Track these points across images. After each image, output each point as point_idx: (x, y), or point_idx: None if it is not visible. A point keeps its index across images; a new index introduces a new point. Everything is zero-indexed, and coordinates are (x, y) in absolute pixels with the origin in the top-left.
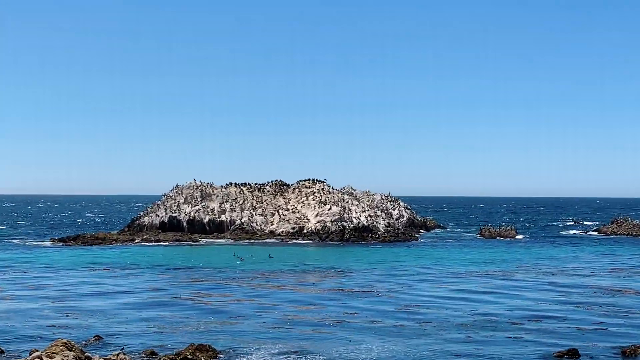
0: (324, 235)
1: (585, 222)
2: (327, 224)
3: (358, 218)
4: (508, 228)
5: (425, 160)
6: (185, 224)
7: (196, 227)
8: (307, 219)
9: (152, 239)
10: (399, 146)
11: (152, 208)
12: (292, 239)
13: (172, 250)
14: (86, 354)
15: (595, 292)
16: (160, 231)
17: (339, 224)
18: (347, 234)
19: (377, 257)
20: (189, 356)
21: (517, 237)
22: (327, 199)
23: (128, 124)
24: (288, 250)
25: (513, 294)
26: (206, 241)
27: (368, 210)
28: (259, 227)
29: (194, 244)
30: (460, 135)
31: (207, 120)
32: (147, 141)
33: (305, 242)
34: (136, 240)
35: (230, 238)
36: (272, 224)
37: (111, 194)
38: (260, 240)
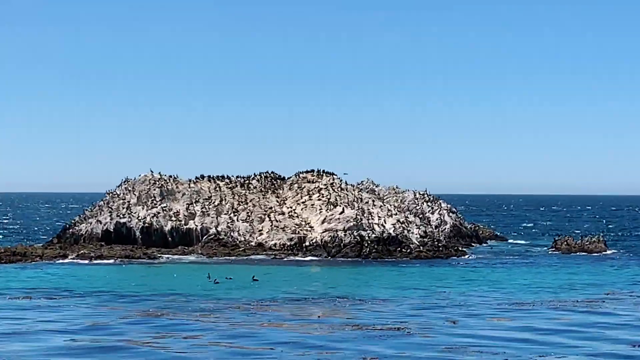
0: (333, 250)
1: None
2: (339, 233)
3: (382, 225)
4: (594, 239)
5: (474, 146)
6: (138, 233)
7: (154, 238)
8: (310, 227)
9: (92, 254)
10: (436, 127)
11: (91, 211)
12: (288, 255)
13: (120, 270)
14: None
15: None
16: (103, 244)
17: (355, 234)
18: (366, 247)
19: (408, 280)
20: None
21: (607, 252)
22: (338, 198)
23: (48, 94)
24: (283, 271)
25: (599, 334)
26: (168, 258)
27: (396, 215)
28: (243, 238)
29: (151, 261)
30: (525, 113)
31: (168, 87)
32: (81, 120)
33: (307, 258)
34: (70, 257)
35: (201, 253)
36: (260, 234)
37: (31, 190)
38: (243, 257)
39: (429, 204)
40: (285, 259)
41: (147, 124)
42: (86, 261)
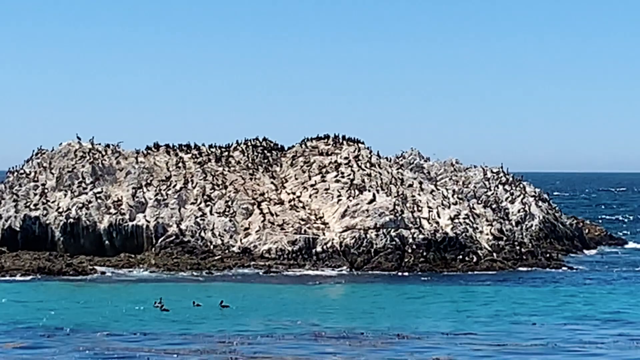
0: (359, 259)
1: None
2: (368, 233)
3: (435, 221)
4: None
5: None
6: (59, 233)
7: (83, 242)
8: (324, 224)
9: None
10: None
11: None
12: (290, 266)
13: (28, 293)
14: None
15: None
16: (4, 250)
17: (394, 234)
18: (410, 254)
19: (478, 306)
20: None
21: None
22: (366, 179)
23: None
24: (281, 292)
25: None
26: (105, 272)
27: (457, 204)
28: (220, 241)
29: (79, 278)
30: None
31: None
32: None
33: (319, 272)
34: None
35: (156, 264)
36: (247, 234)
37: None
38: (219, 272)
39: (506, 187)
40: (285, 274)
41: (74, 73)
42: None
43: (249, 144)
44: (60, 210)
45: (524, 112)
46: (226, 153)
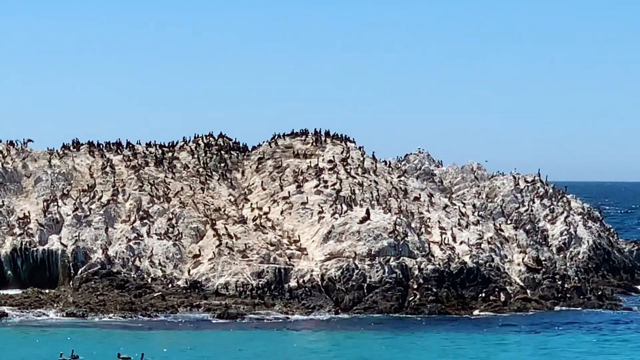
0: (347, 297)
1: None
2: (360, 263)
3: (449, 247)
4: None
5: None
6: None
7: None
8: (300, 249)
9: None
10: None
11: None
12: (254, 307)
13: None
14: None
15: None
16: None
17: (394, 264)
18: (415, 291)
19: None
20: None
21: None
22: (356, 189)
23: None
24: (243, 343)
25: None
26: (7, 313)
27: (478, 224)
28: (160, 272)
29: None
30: None
31: None
32: None
33: (294, 317)
34: None
35: (74, 304)
36: (197, 264)
37: None
38: (161, 313)
39: (545, 202)
40: (247, 317)
41: None
42: None
43: (201, 142)
44: None
45: (556, 110)
46: (170, 154)
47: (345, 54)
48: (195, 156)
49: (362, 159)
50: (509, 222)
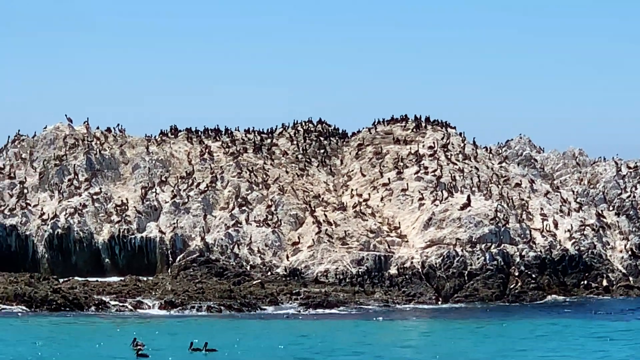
0: (448, 284)
1: None
2: (461, 250)
3: (550, 233)
4: None
5: None
6: (42, 248)
7: (75, 260)
8: (400, 236)
9: None
10: None
11: None
12: (355, 295)
13: (3, 328)
14: None
15: None
16: None
17: (495, 252)
18: (516, 278)
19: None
20: None
21: None
22: (457, 175)
23: None
24: (342, 331)
25: None
26: (105, 301)
27: (580, 210)
28: (259, 260)
29: (71, 314)
30: None
31: None
32: None
33: (394, 303)
34: None
35: (173, 291)
36: (296, 251)
37: None
38: (258, 301)
39: None
40: (348, 307)
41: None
42: None
43: (300, 128)
44: (45, 217)
45: None
46: (268, 140)
47: (447, 36)
48: (295, 142)
49: (462, 145)
50: (610, 208)
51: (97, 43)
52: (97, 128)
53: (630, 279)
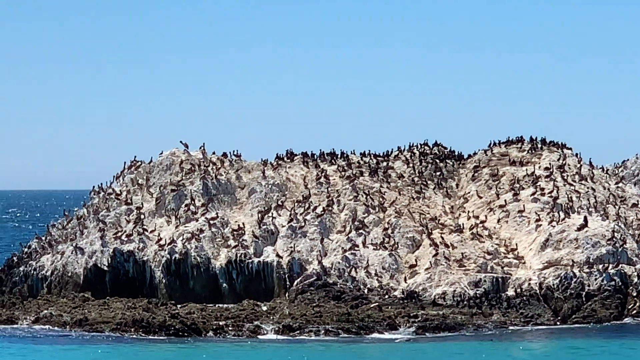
0: (566, 305)
1: None
2: (579, 271)
3: None
4: None
5: None
6: (160, 274)
7: (193, 285)
8: (517, 258)
9: (67, 319)
10: None
11: (62, 229)
12: (473, 317)
13: (122, 354)
14: None
15: None
16: (86, 295)
17: (612, 272)
18: (634, 298)
19: None
20: None
21: None
22: (573, 196)
23: None
24: (459, 354)
25: None
26: (223, 326)
27: None
28: (376, 283)
29: (188, 340)
30: None
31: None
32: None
33: (510, 327)
34: (21, 322)
35: (290, 316)
36: (414, 273)
37: None
38: (376, 324)
39: None
40: (466, 330)
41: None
42: (53, 332)
43: (415, 150)
44: (162, 242)
45: None
46: (384, 164)
47: (563, 58)
48: (410, 165)
49: (578, 165)
50: None
51: (217, 70)
52: (213, 153)
53: None
